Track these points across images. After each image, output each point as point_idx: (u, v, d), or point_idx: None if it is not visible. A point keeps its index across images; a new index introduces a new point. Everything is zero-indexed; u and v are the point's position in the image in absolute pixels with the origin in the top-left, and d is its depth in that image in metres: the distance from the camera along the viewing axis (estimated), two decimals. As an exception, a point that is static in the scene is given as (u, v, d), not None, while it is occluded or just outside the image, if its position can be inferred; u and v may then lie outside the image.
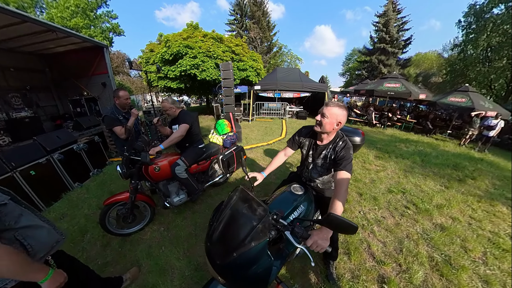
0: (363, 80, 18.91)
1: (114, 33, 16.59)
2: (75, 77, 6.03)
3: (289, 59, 28.71)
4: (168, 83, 10.07)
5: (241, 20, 23.01)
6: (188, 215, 2.56)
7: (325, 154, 1.38)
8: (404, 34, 21.55)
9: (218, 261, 0.82)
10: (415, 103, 11.77)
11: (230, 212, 0.93)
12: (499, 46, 12.26)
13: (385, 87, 8.98)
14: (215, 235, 0.89)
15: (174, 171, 2.22)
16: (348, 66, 34.84)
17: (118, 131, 2.29)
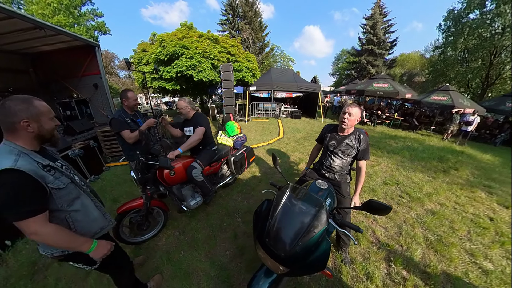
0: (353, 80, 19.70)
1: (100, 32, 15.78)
2: (64, 78, 5.67)
3: (282, 60, 29.14)
4: (163, 84, 9.81)
5: (233, 21, 23.04)
6: (202, 217, 2.56)
7: (347, 142, 1.70)
8: (390, 36, 22.76)
9: (283, 253, 0.89)
10: (401, 101, 12.49)
11: (288, 207, 1.01)
12: (474, 49, 13.35)
13: (375, 87, 9.50)
14: (275, 230, 0.95)
15: (190, 174, 2.18)
16: (337, 67, 35.91)
17: (125, 135, 2.15)
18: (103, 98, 5.77)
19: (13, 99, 0.83)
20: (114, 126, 2.15)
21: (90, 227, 1.06)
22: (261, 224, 1.06)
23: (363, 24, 23.30)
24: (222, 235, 2.27)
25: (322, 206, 1.01)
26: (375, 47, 21.95)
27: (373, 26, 21.91)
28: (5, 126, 0.84)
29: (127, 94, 2.19)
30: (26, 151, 0.86)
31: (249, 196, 3.03)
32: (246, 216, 2.58)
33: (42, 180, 0.85)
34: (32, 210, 0.82)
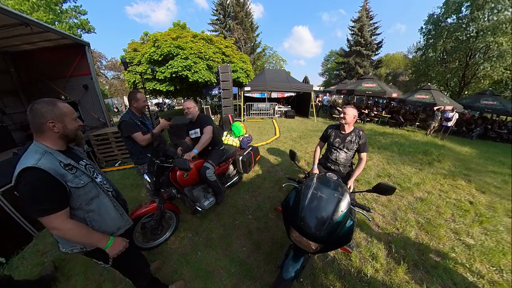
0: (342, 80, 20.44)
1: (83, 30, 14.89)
2: (50, 79, 5.28)
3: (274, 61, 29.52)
4: (157, 85, 9.57)
5: (224, 21, 23.03)
6: (213, 217, 2.58)
7: (350, 139, 2.03)
8: (376, 38, 23.93)
9: (318, 232, 1.05)
10: (387, 100, 13.21)
11: (317, 193, 1.18)
12: (452, 50, 14.44)
13: (364, 87, 10.00)
14: (309, 214, 1.10)
15: (204, 174, 2.17)
16: (327, 67, 36.94)
17: (139, 137, 2.05)
18: (94, 100, 5.49)
19: (40, 102, 0.89)
20: (125, 129, 2.03)
21: (107, 226, 1.08)
22: (293, 211, 1.21)
23: (351, 26, 24.32)
24: (236, 232, 2.34)
25: (345, 189, 1.21)
26: (363, 48, 22.97)
27: (361, 29, 22.95)
28: (34, 127, 0.89)
29: (136, 95, 2.08)
30: (51, 151, 0.91)
31: (256, 194, 3.14)
32: (257, 213, 2.68)
33: (62, 178, 0.88)
34: (51, 207, 0.85)
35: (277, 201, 2.92)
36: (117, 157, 4.70)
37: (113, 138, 4.54)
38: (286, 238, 2.09)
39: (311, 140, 6.35)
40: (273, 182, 3.48)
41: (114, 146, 4.61)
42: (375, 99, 13.81)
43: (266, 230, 2.37)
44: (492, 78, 13.75)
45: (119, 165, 4.51)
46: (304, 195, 1.20)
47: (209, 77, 9.41)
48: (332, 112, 12.27)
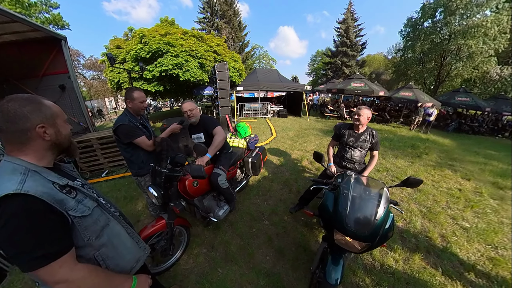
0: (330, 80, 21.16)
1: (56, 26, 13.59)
2: (18, 79, 4.56)
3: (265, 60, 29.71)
4: (144, 85, 8.89)
5: (211, 19, 22.67)
6: (227, 227, 2.37)
7: (364, 138, 2.10)
8: (360, 39, 25.14)
9: (366, 231, 1.06)
10: (372, 98, 13.96)
11: (357, 193, 1.18)
12: (428, 52, 15.66)
13: (353, 86, 10.46)
14: (354, 215, 1.10)
15: (216, 182, 1.97)
16: (313, 67, 37.96)
17: (145, 142, 1.75)
18: (73, 103, 4.79)
19: (15, 99, 0.61)
20: (125, 134, 1.70)
21: (125, 260, 0.85)
22: (335, 214, 1.20)
23: (337, 28, 25.34)
24: (255, 241, 2.20)
25: (383, 186, 1.26)
26: (349, 49, 23.99)
27: (346, 30, 23.98)
28: (11, 136, 0.61)
29: (133, 93, 1.71)
30: (36, 168, 0.63)
31: (267, 197, 3.03)
32: (273, 218, 2.57)
33: (61, 206, 0.63)
34: (53, 251, 0.58)
35: (289, 203, 2.87)
36: (104, 166, 4.13)
37: (98, 145, 3.98)
38: (308, 240, 2.18)
39: (309, 138, 6.49)
40: (281, 184, 3.42)
41: (99, 154, 4.04)
42: (360, 98, 14.50)
43: (285, 234, 2.31)
44: (463, 77, 15.15)
45: (107, 175, 3.99)
46: (344, 197, 1.21)
47: (201, 76, 9.12)
48: (323, 110, 12.65)
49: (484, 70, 14.44)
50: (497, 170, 4.64)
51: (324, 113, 12.07)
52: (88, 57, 21.44)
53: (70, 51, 16.22)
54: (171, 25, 10.24)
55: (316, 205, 2.68)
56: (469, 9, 13.10)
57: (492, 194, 3.46)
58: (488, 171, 4.52)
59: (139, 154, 1.83)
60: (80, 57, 20.90)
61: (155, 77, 8.37)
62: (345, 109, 11.31)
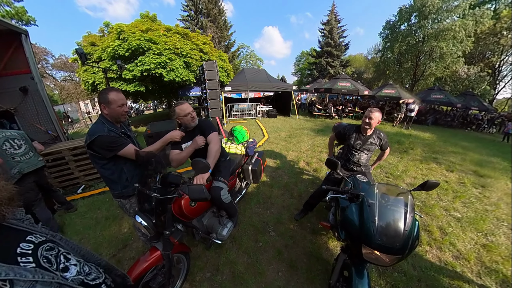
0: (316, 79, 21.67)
1: (20, 21, 12.13)
2: None
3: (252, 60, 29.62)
4: (123, 86, 8.14)
5: (195, 17, 22.05)
6: (230, 244, 2.14)
7: (371, 141, 2.03)
8: (344, 40, 26.23)
9: (397, 244, 1.00)
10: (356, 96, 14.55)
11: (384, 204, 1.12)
12: (405, 53, 16.77)
13: (339, 85, 10.80)
14: (384, 228, 1.04)
15: (219, 197, 1.72)
16: (298, 67, 38.74)
17: (131, 152, 1.39)
18: (38, 108, 4.10)
19: None
20: (107, 147, 1.33)
21: None
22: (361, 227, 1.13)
23: (321, 29, 26.15)
24: (264, 256, 2.02)
25: (409, 194, 1.18)
26: (333, 49, 24.82)
27: (330, 31, 24.82)
28: None
29: (108, 96, 1.33)
30: None
31: (269, 205, 2.85)
32: (279, 228, 2.39)
33: None
34: None
35: (293, 209, 2.73)
36: (79, 181, 3.55)
37: (71, 156, 3.41)
38: (319, 248, 2.08)
39: (301, 139, 6.48)
40: (282, 189, 3.26)
41: (73, 167, 3.45)
42: (344, 97, 15.04)
43: (295, 245, 2.16)
44: (436, 76, 16.44)
45: (83, 191, 3.43)
46: (370, 208, 1.13)
47: (187, 76, 8.68)
48: (311, 110, 12.87)
49: (453, 69, 15.86)
50: (475, 160, 5.04)
51: (313, 112, 12.28)
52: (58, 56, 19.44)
53: (35, 48, 14.06)
54: (153, 21, 9.64)
55: (321, 210, 2.65)
56: (440, 14, 14.32)
57: (474, 183, 3.72)
58: (468, 161, 4.89)
59: (122, 170, 1.45)
60: (48, 56, 18.84)
61: (135, 77, 7.69)
62: (333, 107, 11.62)
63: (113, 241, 2.24)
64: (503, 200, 3.22)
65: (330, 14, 25.49)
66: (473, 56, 17.28)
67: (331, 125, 9.27)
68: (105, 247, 2.17)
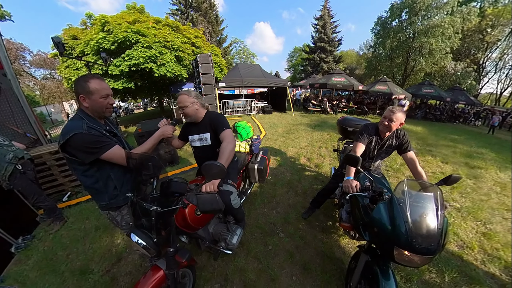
0: (310, 75, 21.67)
1: None
2: None
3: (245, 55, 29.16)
4: (110, 83, 7.64)
5: (185, 11, 21.26)
6: (238, 250, 1.99)
7: (389, 144, 1.76)
8: (337, 35, 26.30)
9: (432, 243, 0.95)
10: (350, 92, 14.71)
11: (415, 202, 1.05)
12: (396, 48, 17.06)
13: (334, 81, 10.82)
14: (418, 228, 0.98)
15: (229, 202, 1.56)
16: (292, 63, 38.64)
17: (120, 155, 1.15)
18: (13, 108, 3.76)
19: None
20: (84, 149, 1.06)
21: None
22: (393, 229, 1.06)
23: (315, 24, 26.04)
24: (275, 261, 1.90)
25: (438, 189, 1.11)
26: (326, 44, 24.85)
27: (324, 26, 24.80)
28: None
29: (88, 84, 1.07)
30: None
31: (274, 204, 2.73)
32: (287, 228, 2.28)
33: None
34: None
35: (300, 207, 2.65)
36: (64, 187, 3.23)
37: (53, 161, 3.09)
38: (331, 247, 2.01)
39: (299, 134, 6.42)
40: (285, 186, 3.16)
41: (56, 172, 3.13)
42: (338, 92, 15.16)
43: (306, 246, 2.07)
44: (425, 71, 16.89)
45: (69, 199, 3.11)
46: (402, 207, 1.06)
47: (179, 71, 8.29)
48: (306, 105, 12.86)
49: (442, 65, 16.35)
50: (465, 152, 5.21)
51: (308, 108, 12.28)
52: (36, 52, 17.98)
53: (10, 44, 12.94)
54: (141, 12, 9.12)
55: (328, 207, 2.56)
56: (429, 10, 14.69)
57: (468, 174, 3.84)
58: (459, 153, 5.04)
59: (108, 177, 1.18)
60: (25, 52, 17.34)
61: (123, 73, 7.18)
62: (328, 103, 11.66)
63: (106, 254, 2.00)
64: (493, 190, 3.34)
65: (323, 9, 25.42)
66: (460, 52, 17.90)
67: (327, 120, 9.32)
68: (96, 262, 1.91)
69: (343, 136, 2.94)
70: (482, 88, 20.60)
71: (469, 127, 11.36)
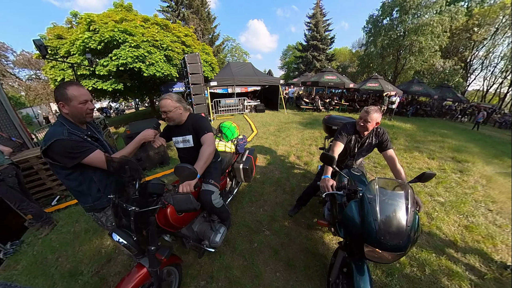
0: (303, 73, 21.74)
1: None
2: None
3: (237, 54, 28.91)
4: (98, 84, 7.47)
5: (176, 8, 20.84)
6: (224, 248, 2.02)
7: (369, 142, 1.79)
8: (329, 33, 26.40)
9: (401, 241, 0.95)
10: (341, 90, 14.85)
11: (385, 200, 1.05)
12: (387, 46, 17.31)
13: (326, 79, 10.88)
14: (386, 225, 0.97)
15: (210, 202, 1.58)
16: (285, 61, 38.68)
17: (101, 159, 1.18)
18: None
19: None
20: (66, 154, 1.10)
21: None
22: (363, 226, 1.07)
23: (307, 22, 26.08)
24: (260, 257, 1.94)
25: (409, 187, 1.11)
26: (319, 42, 24.96)
27: (316, 24, 24.90)
28: None
29: (66, 90, 1.10)
30: None
31: (261, 202, 2.76)
32: (273, 226, 2.31)
33: None
34: None
35: (287, 205, 2.66)
36: (53, 191, 3.22)
37: (40, 165, 3.08)
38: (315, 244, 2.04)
39: (291, 132, 6.44)
40: (274, 185, 3.17)
41: (44, 176, 3.12)
42: (330, 90, 15.29)
43: (291, 242, 2.11)
44: (415, 69, 17.22)
45: (58, 203, 3.10)
46: (371, 206, 1.06)
47: (169, 71, 8.15)
48: (298, 103, 12.90)
49: (431, 63, 16.76)
50: (452, 147, 5.36)
51: (300, 106, 12.32)
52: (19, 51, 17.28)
53: None
54: (128, 11, 8.89)
55: (315, 204, 2.56)
56: (419, 9, 15.03)
57: (453, 169, 3.95)
58: (446, 148, 5.18)
59: (91, 180, 1.24)
60: (8, 52, 16.61)
61: (111, 73, 7.04)
62: (320, 101, 11.73)
63: (95, 256, 2.02)
64: (479, 182, 3.45)
65: (316, 7, 25.50)
66: (448, 50, 18.35)
67: (319, 118, 9.37)
68: (86, 264, 1.93)
69: (329, 135, 2.94)
70: (469, 85, 21.21)
71: (456, 123, 11.70)
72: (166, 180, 3.42)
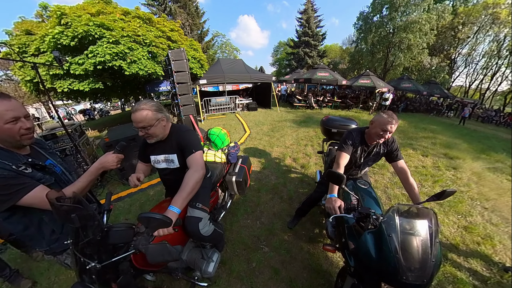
0: (295, 70, 21.56)
1: None
2: None
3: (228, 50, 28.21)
4: (74, 84, 6.65)
5: (163, 2, 19.87)
6: (219, 271, 1.80)
7: (376, 151, 1.60)
8: (321, 30, 26.40)
9: (425, 279, 0.82)
10: (333, 87, 14.87)
11: (406, 231, 0.90)
12: (377, 43, 17.51)
13: (319, 76, 10.75)
14: (409, 262, 0.84)
15: (198, 231, 1.31)
16: (277, 57, 38.37)
17: (38, 199, 0.87)
18: None
19: None
20: None
21: None
22: (380, 262, 0.92)
23: (299, 18, 25.83)
24: (259, 279, 1.75)
25: (432, 213, 0.95)
26: (311, 38, 24.87)
27: (308, 20, 24.76)
28: None
29: None
30: None
31: (258, 214, 2.53)
32: (272, 241, 2.11)
33: None
34: None
35: (285, 215, 2.45)
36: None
37: None
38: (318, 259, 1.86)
39: (285, 132, 6.23)
40: (270, 192, 2.95)
41: None
42: (322, 87, 15.26)
43: (292, 259, 1.92)
44: (404, 66, 17.57)
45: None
46: (391, 238, 0.90)
47: (153, 69, 7.56)
48: (291, 100, 12.75)
49: (419, 60, 17.18)
50: (443, 143, 5.39)
51: (293, 103, 12.16)
52: None
53: None
54: (107, 3, 8.17)
55: (315, 213, 2.33)
56: (408, 7, 15.33)
57: (447, 166, 3.94)
58: (438, 144, 5.21)
59: (41, 222, 0.97)
60: None
61: (88, 72, 6.30)
62: (313, 98, 11.62)
63: None
64: (472, 179, 3.46)
65: (307, 3, 25.29)
66: (435, 48, 18.87)
67: (312, 115, 9.26)
68: None
69: (327, 137, 2.76)
70: (454, 81, 22.05)
71: (442, 118, 12.04)
72: (153, 191, 3.11)
